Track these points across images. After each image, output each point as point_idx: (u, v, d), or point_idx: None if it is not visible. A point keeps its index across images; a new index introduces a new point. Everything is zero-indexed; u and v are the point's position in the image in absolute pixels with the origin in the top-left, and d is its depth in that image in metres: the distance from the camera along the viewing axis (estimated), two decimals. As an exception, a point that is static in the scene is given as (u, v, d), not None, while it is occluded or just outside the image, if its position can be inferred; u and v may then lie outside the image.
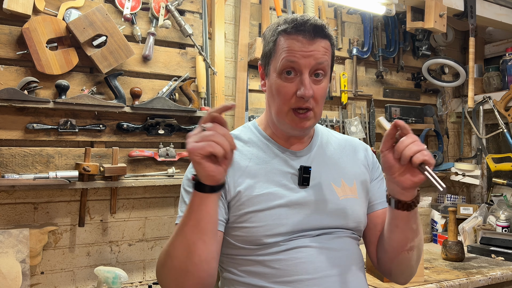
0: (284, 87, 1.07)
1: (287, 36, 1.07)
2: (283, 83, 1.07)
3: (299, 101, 1.06)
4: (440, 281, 1.79)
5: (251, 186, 1.09)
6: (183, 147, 2.05)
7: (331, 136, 1.27)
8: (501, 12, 2.67)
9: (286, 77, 1.07)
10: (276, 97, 1.09)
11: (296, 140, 1.17)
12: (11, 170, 1.66)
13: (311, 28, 1.06)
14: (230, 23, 2.24)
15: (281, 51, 1.07)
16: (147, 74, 1.97)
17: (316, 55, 1.06)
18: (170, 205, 2.02)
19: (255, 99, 2.28)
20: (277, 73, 1.08)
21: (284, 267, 1.05)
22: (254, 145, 1.16)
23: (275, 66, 1.09)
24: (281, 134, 1.16)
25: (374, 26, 2.67)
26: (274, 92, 1.09)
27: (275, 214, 1.06)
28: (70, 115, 1.78)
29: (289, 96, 1.07)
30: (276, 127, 1.16)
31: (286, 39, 1.07)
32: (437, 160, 2.74)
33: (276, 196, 1.08)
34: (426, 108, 2.88)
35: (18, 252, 1.62)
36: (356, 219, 1.16)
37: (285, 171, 1.13)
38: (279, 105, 1.09)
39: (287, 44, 1.07)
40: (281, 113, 1.10)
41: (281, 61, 1.07)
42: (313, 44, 1.06)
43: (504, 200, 2.67)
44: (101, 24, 1.77)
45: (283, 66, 1.07)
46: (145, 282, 1.93)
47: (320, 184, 1.14)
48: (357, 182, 1.19)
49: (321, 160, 1.18)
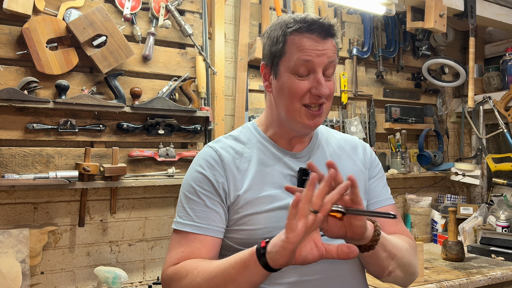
0: (299, 85, 1.07)
1: (300, 35, 1.07)
2: (296, 81, 1.07)
3: (313, 98, 1.07)
4: (440, 281, 1.79)
5: (250, 189, 1.08)
6: (183, 147, 2.05)
7: (331, 136, 1.27)
8: (501, 12, 2.67)
9: (299, 75, 1.07)
10: (288, 96, 1.08)
11: (297, 140, 1.17)
12: (11, 170, 1.66)
13: (324, 27, 1.07)
14: (230, 23, 2.24)
15: (295, 49, 1.07)
16: (147, 74, 1.97)
17: (329, 54, 1.07)
18: (170, 205, 2.02)
19: (255, 99, 2.28)
20: (290, 72, 1.08)
21: (283, 269, 1.04)
22: (254, 147, 1.16)
23: (287, 65, 1.08)
24: (285, 134, 1.15)
25: (374, 26, 2.67)
26: (287, 90, 1.08)
27: (274, 216, 1.06)
28: (70, 115, 1.78)
29: (303, 93, 1.07)
30: (282, 127, 1.15)
31: (300, 38, 1.07)
32: (437, 160, 2.74)
33: (276, 198, 1.08)
34: (426, 108, 2.88)
35: (18, 252, 1.62)
36: None
37: (284, 173, 1.12)
38: (291, 103, 1.08)
39: (301, 43, 1.06)
40: (293, 111, 1.08)
41: (295, 60, 1.06)
42: (326, 43, 1.07)
43: (504, 200, 2.67)
44: (101, 24, 1.77)
45: (298, 65, 1.06)
46: (145, 282, 1.93)
47: (319, 186, 1.13)
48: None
49: (321, 161, 1.17)
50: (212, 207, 1.07)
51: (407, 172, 2.63)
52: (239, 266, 0.93)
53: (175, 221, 1.10)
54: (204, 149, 1.17)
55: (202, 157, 1.14)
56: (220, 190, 1.08)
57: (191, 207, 1.09)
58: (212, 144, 1.17)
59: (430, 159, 2.70)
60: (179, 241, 1.08)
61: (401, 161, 2.59)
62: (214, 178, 1.09)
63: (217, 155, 1.12)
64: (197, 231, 1.06)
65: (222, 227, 1.08)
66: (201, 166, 1.12)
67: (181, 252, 1.06)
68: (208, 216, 1.07)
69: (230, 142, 1.17)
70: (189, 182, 1.12)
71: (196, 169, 1.12)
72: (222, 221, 1.08)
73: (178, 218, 1.10)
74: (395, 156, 2.62)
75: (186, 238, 1.06)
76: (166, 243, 2.00)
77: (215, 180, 1.09)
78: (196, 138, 2.05)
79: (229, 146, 1.15)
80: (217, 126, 2.07)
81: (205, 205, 1.08)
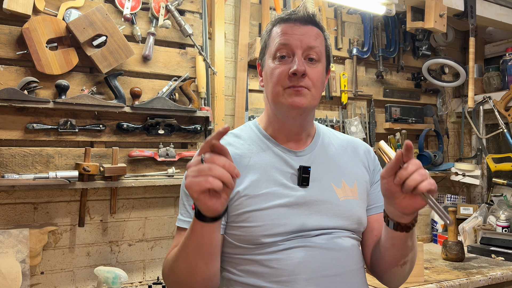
0: (278, 68, 1.09)
1: (279, 24, 1.13)
2: (276, 65, 1.10)
3: (293, 80, 1.08)
4: (440, 281, 1.79)
5: (250, 186, 1.09)
6: (183, 147, 2.05)
7: (333, 136, 1.27)
8: (501, 12, 2.67)
9: (280, 60, 1.10)
10: (270, 80, 1.11)
11: (296, 138, 1.17)
12: (11, 170, 1.66)
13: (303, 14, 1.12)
14: (230, 23, 2.24)
15: (275, 36, 1.12)
16: (147, 74, 1.97)
17: (308, 39, 1.10)
18: (170, 205, 2.02)
19: (255, 99, 2.28)
20: (272, 58, 1.12)
21: (282, 267, 1.05)
22: (254, 144, 1.16)
23: (270, 52, 1.13)
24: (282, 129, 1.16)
25: (374, 26, 2.67)
26: (269, 76, 1.12)
27: (274, 214, 1.06)
28: (70, 115, 1.78)
29: (283, 76, 1.09)
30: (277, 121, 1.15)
31: (280, 26, 1.13)
32: (437, 160, 2.74)
33: (275, 195, 1.08)
34: (426, 108, 2.88)
35: (18, 252, 1.62)
36: (356, 220, 1.15)
37: (285, 170, 1.12)
38: (273, 87, 1.10)
39: (280, 29, 1.12)
40: (277, 95, 1.10)
41: (275, 45, 1.11)
42: (305, 28, 1.11)
43: (504, 200, 2.67)
44: (101, 24, 1.77)
45: (277, 49, 1.10)
46: (145, 282, 1.93)
47: (320, 185, 1.13)
48: (358, 183, 1.19)
49: (322, 160, 1.18)
50: None
51: (407, 172, 2.63)
52: (188, 234, 0.95)
53: (179, 219, 1.12)
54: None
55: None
56: None
57: (190, 204, 1.11)
58: None
59: (430, 159, 2.70)
60: (176, 238, 1.11)
61: (401, 161, 2.59)
62: None
63: None
64: None
65: (223, 223, 1.08)
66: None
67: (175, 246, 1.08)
68: None
69: (230, 139, 1.18)
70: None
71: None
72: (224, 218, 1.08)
73: (179, 216, 1.13)
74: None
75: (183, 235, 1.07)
76: (166, 243, 2.00)
77: None
78: (196, 138, 2.05)
79: (229, 143, 1.16)
80: (217, 126, 2.07)
81: None
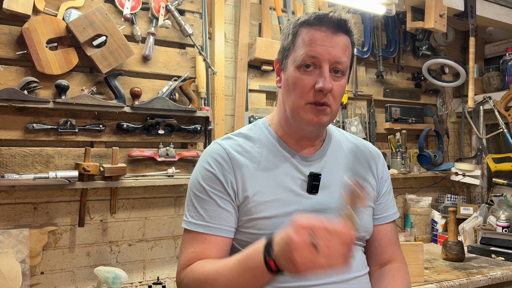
0: (302, 80, 1.04)
1: (309, 27, 1.04)
2: (301, 76, 1.04)
3: (317, 95, 1.03)
4: (440, 281, 1.79)
5: (259, 192, 1.07)
6: (183, 147, 2.05)
7: (344, 139, 1.23)
8: (501, 12, 2.67)
9: (305, 69, 1.04)
10: (292, 91, 1.05)
11: (307, 142, 1.14)
12: (11, 170, 1.66)
13: (335, 21, 1.04)
14: (230, 23, 2.24)
15: (302, 43, 1.04)
16: (147, 74, 1.97)
17: (337, 52, 1.03)
18: (170, 205, 2.02)
19: (255, 99, 2.28)
20: (296, 66, 1.05)
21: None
22: (264, 147, 1.13)
23: (294, 59, 1.06)
24: (294, 134, 1.13)
25: (374, 26, 2.66)
26: (291, 85, 1.05)
27: (282, 222, 1.03)
28: (70, 115, 1.78)
29: (307, 89, 1.03)
30: (289, 126, 1.12)
31: (308, 31, 1.04)
32: (437, 160, 2.74)
33: (284, 203, 1.06)
34: (426, 108, 2.87)
35: (18, 252, 1.62)
36: (364, 228, 1.14)
37: (294, 176, 1.10)
38: (295, 98, 1.05)
39: (309, 36, 1.03)
40: (297, 108, 1.05)
41: (301, 54, 1.03)
42: (335, 39, 1.03)
43: (504, 200, 2.67)
44: (101, 24, 1.77)
45: (304, 59, 1.03)
46: (145, 282, 1.93)
47: (329, 192, 1.11)
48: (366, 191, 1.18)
49: (332, 166, 1.15)
50: (224, 207, 1.06)
51: (407, 172, 2.63)
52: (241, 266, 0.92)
53: (186, 221, 1.08)
54: (212, 145, 1.14)
55: (210, 154, 1.11)
56: (230, 189, 1.07)
57: (202, 207, 1.07)
58: (220, 141, 1.15)
59: (430, 159, 2.70)
60: (189, 242, 1.07)
61: (401, 161, 2.59)
62: (223, 177, 1.07)
63: (226, 154, 1.10)
64: (208, 231, 1.05)
65: (234, 226, 1.07)
66: (209, 164, 1.09)
67: (191, 253, 1.05)
68: (220, 216, 1.05)
69: (240, 140, 1.14)
70: (198, 180, 1.09)
71: (204, 167, 1.10)
72: (234, 221, 1.07)
73: (189, 218, 1.08)
74: (395, 156, 2.62)
75: (196, 239, 1.05)
76: (166, 243, 2.00)
77: (224, 179, 1.07)
78: (196, 138, 2.05)
79: (238, 144, 1.13)
80: (217, 126, 2.07)
81: (217, 204, 1.06)
